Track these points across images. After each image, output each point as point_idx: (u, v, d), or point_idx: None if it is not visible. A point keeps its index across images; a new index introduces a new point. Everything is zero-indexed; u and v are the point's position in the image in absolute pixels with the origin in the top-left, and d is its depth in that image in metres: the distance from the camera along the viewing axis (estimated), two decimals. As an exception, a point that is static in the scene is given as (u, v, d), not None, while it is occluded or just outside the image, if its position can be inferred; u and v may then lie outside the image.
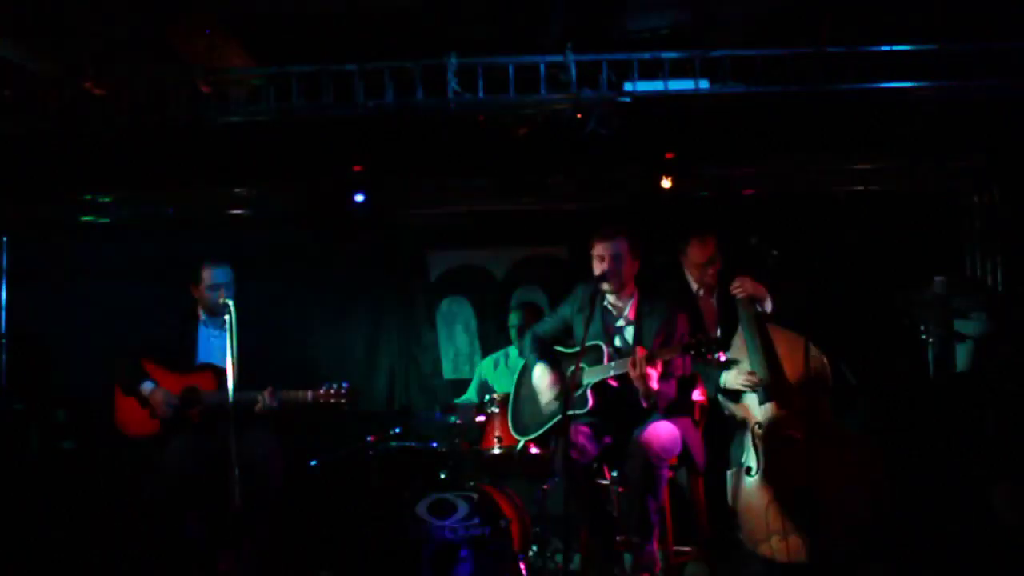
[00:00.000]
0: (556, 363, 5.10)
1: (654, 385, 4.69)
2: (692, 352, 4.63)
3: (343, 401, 5.21)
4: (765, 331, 5.09)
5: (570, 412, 4.63)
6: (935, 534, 5.16)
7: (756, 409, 5.02)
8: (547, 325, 5.27)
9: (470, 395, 6.34)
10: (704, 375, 5.20)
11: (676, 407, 4.93)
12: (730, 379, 5.05)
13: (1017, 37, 5.50)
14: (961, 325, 5.87)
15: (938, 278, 5.84)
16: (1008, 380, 5.66)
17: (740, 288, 5.15)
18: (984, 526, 5.20)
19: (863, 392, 5.57)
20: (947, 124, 6.03)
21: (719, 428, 5.23)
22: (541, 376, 5.07)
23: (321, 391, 5.22)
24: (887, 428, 5.69)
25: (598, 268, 4.94)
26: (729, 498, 4.99)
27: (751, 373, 4.99)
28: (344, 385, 5.23)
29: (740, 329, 5.15)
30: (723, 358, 4.91)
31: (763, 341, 5.06)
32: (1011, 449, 5.44)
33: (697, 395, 5.26)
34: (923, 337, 5.82)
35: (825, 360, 5.00)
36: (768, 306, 5.19)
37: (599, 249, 4.95)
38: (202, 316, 5.46)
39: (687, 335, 4.84)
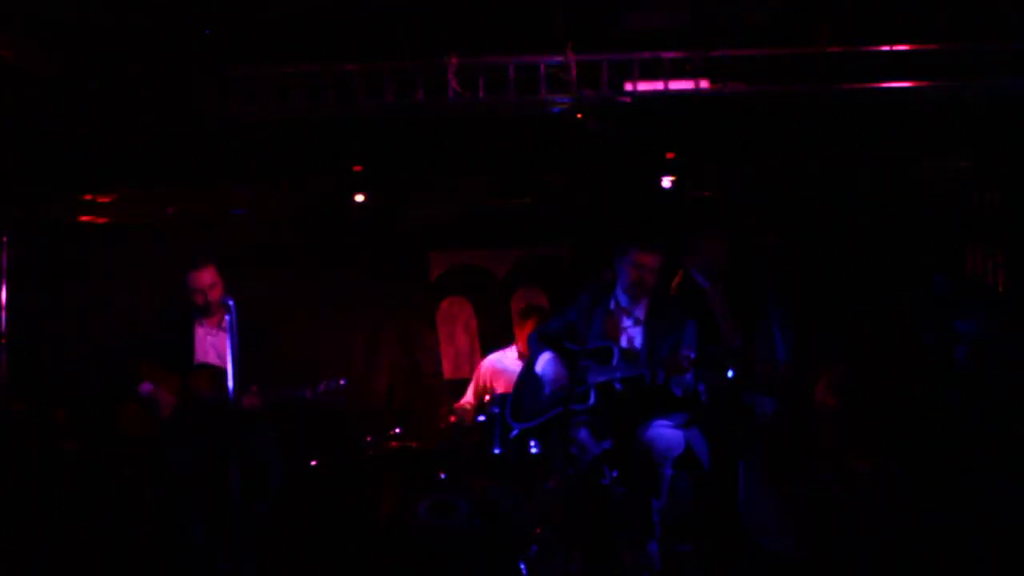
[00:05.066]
0: (565, 356, 5.10)
1: (690, 377, 4.73)
2: (696, 367, 4.64)
3: (341, 398, 5.20)
4: (791, 325, 5.09)
5: (571, 407, 4.64)
6: (936, 534, 5.16)
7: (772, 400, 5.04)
8: (553, 326, 5.28)
9: (468, 397, 6.34)
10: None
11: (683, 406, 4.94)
12: None
13: (1017, 37, 5.50)
14: (961, 325, 5.87)
15: (938, 278, 5.84)
16: (1009, 380, 5.67)
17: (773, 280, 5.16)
18: (985, 527, 5.20)
19: (864, 392, 5.57)
20: (947, 124, 6.03)
21: (736, 419, 5.24)
22: (546, 364, 5.07)
23: (320, 388, 5.22)
24: (888, 428, 5.69)
25: (634, 275, 4.94)
26: (741, 489, 4.99)
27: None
28: (342, 382, 5.23)
29: (768, 322, 5.15)
30: (731, 374, 4.91)
31: (789, 335, 5.06)
32: (1011, 449, 5.44)
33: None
34: (923, 337, 5.81)
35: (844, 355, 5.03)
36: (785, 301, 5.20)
37: (641, 258, 4.95)
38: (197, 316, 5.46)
39: (695, 349, 4.84)
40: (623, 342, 4.99)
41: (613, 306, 5.04)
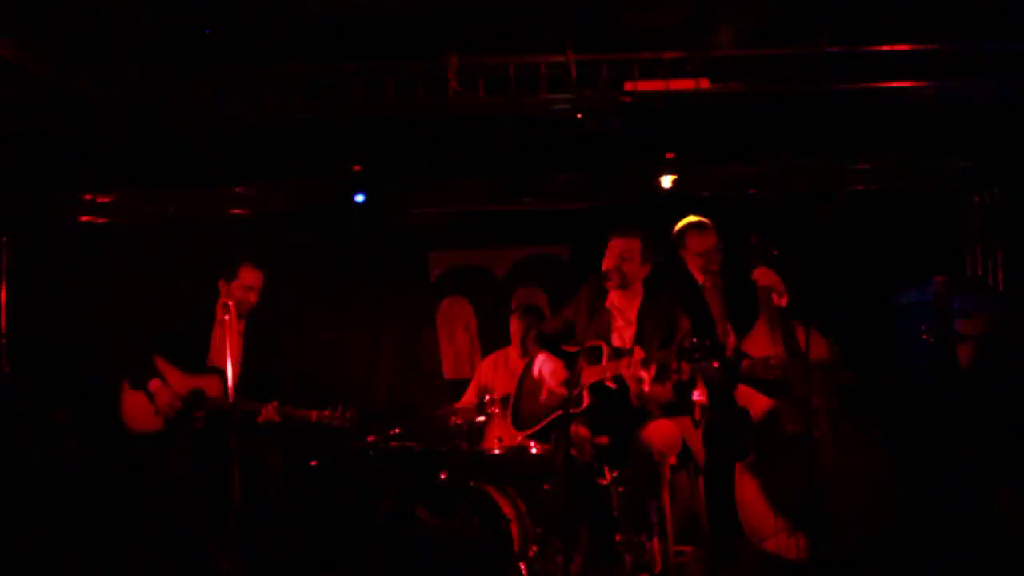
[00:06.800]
0: (561, 354, 5.09)
1: (646, 387, 4.68)
2: (686, 358, 4.61)
3: (346, 425, 5.32)
4: (788, 324, 5.08)
5: (569, 410, 4.63)
6: (937, 534, 5.16)
7: (767, 402, 5.03)
8: (551, 325, 5.27)
9: (469, 397, 6.33)
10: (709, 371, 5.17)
11: (674, 408, 4.92)
12: None
13: (1017, 37, 5.50)
14: (961, 325, 5.87)
15: (938, 278, 5.84)
16: (1010, 380, 5.67)
17: (765, 279, 5.14)
18: (986, 527, 5.20)
19: (864, 392, 5.56)
20: (947, 124, 6.03)
21: (729, 421, 5.23)
22: (543, 363, 5.07)
23: (326, 412, 5.31)
24: (888, 428, 5.69)
25: (607, 263, 4.94)
26: (736, 492, 4.98)
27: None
28: (349, 408, 5.33)
29: (762, 321, 5.15)
30: (715, 366, 4.90)
31: (785, 334, 5.06)
32: (1012, 449, 5.43)
33: (697, 395, 5.25)
34: (923, 337, 5.81)
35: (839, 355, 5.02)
36: (783, 300, 5.17)
37: (612, 244, 4.95)
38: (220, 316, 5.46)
39: (686, 340, 4.82)
40: (615, 341, 4.98)
41: (608, 304, 5.04)
